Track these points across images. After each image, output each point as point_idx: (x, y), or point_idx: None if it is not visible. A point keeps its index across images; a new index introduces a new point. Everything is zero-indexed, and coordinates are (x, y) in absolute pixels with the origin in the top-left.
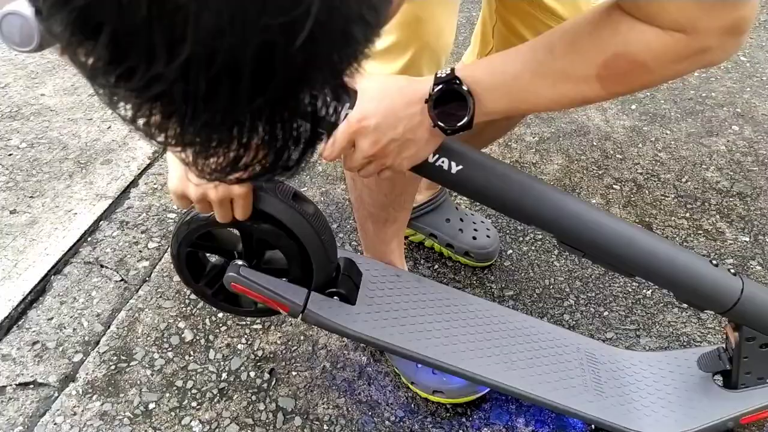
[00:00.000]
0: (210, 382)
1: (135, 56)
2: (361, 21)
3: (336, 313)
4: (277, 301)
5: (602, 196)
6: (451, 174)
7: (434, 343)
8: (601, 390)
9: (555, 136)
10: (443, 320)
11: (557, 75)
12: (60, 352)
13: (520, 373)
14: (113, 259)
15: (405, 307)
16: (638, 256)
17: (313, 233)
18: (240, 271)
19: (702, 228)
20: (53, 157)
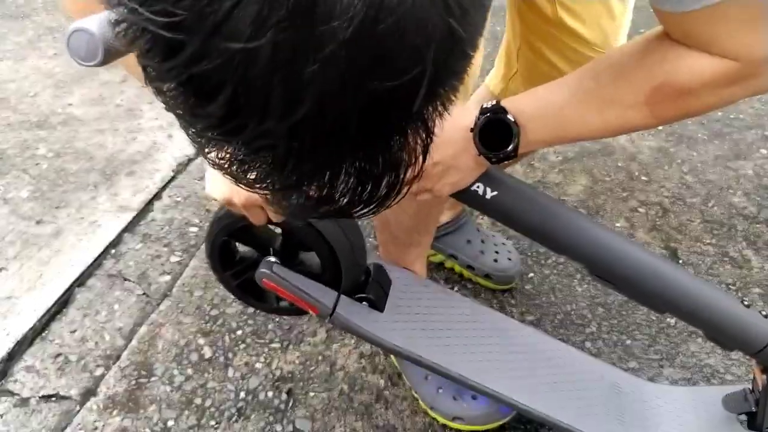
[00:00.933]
0: (228, 400)
1: (249, 114)
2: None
3: (364, 319)
4: (307, 302)
5: (627, 219)
6: (486, 199)
7: (460, 359)
8: (623, 420)
9: (579, 155)
10: (469, 336)
11: (604, 102)
12: (82, 365)
13: (544, 396)
14: (135, 273)
15: (433, 319)
16: (669, 292)
17: (340, 233)
18: (273, 268)
19: (728, 255)
20: (79, 168)
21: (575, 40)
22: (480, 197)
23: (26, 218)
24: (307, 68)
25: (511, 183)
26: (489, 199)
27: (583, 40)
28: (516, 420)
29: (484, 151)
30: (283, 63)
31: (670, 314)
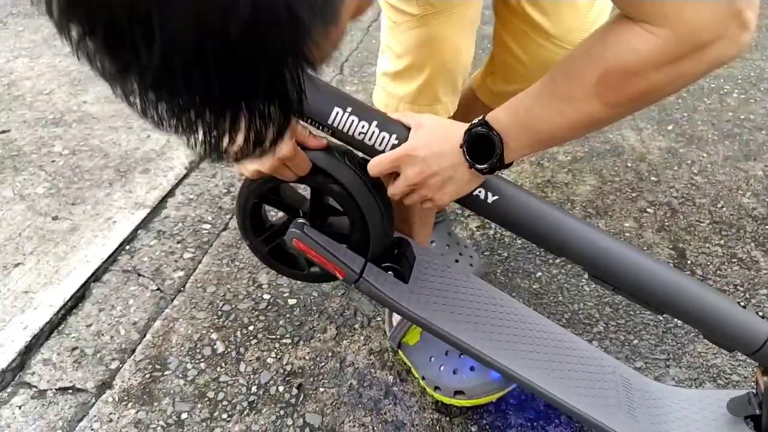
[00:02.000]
0: (240, 394)
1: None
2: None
3: (389, 287)
4: (336, 264)
5: (635, 219)
6: (488, 204)
7: (480, 335)
8: (634, 414)
9: (588, 155)
10: (489, 316)
11: (561, 100)
12: (98, 358)
13: (558, 381)
14: (150, 269)
15: (454, 296)
16: (667, 294)
17: (371, 197)
18: (304, 229)
19: (736, 256)
20: (94, 165)
21: (538, 33)
22: (482, 202)
23: (43, 214)
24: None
25: (511, 188)
26: (491, 203)
27: (546, 34)
28: (516, 412)
29: (474, 164)
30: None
31: (669, 315)
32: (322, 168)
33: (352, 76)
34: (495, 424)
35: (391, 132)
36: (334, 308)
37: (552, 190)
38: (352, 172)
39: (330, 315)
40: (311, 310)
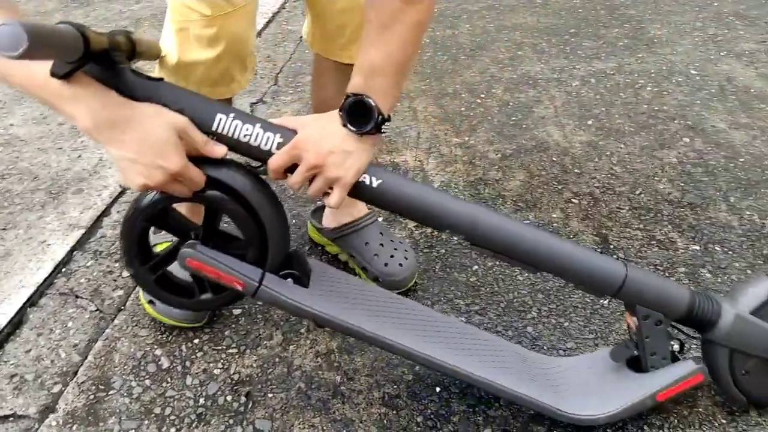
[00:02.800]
0: (188, 407)
1: None
2: None
3: (291, 292)
4: (234, 277)
5: (562, 210)
6: (373, 188)
7: (383, 324)
8: (535, 379)
9: (516, 152)
10: (390, 311)
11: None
12: (39, 383)
13: (463, 355)
14: (88, 289)
15: (355, 297)
16: (536, 250)
17: (270, 208)
18: (197, 247)
19: (655, 238)
20: (24, 188)
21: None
22: (368, 187)
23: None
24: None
25: (392, 174)
26: (376, 187)
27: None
28: (465, 414)
29: (361, 129)
30: None
31: (542, 270)
32: (218, 179)
33: (287, 87)
34: (439, 412)
35: (275, 132)
36: (279, 315)
37: (484, 187)
38: (249, 182)
39: (275, 322)
40: (256, 319)
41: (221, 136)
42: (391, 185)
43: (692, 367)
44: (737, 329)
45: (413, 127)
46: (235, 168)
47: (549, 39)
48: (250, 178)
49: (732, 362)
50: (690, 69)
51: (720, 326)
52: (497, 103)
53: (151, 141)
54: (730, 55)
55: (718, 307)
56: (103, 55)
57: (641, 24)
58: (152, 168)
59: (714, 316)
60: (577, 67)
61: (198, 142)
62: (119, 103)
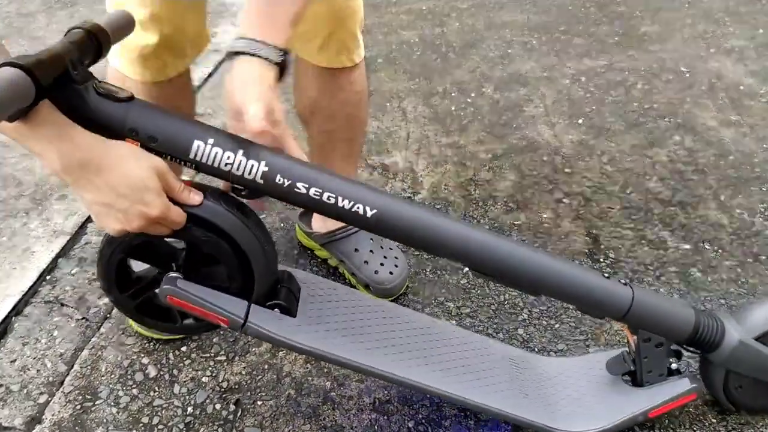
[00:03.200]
0: (176, 416)
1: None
2: None
3: (277, 326)
4: (217, 314)
5: (553, 210)
6: (367, 218)
7: (372, 353)
8: (526, 394)
9: (507, 152)
10: (379, 329)
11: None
12: (24, 394)
13: (455, 379)
14: (73, 298)
15: (343, 318)
16: (541, 276)
17: (254, 240)
18: (177, 283)
19: (646, 238)
20: (8, 195)
21: None
22: (362, 217)
23: None
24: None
25: (389, 198)
26: (370, 217)
27: None
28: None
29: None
30: None
31: (543, 295)
32: (198, 216)
33: None
34: (430, 417)
35: (260, 159)
36: None
37: (475, 188)
38: (231, 216)
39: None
40: None
41: (199, 164)
42: (386, 215)
43: (687, 387)
44: (739, 354)
45: (402, 128)
46: (215, 199)
47: (539, 37)
48: (232, 210)
49: (727, 380)
50: (680, 66)
51: (722, 350)
52: (487, 102)
53: (128, 185)
54: (720, 52)
55: (722, 330)
56: (63, 79)
57: (631, 21)
58: (130, 213)
59: (717, 339)
60: (568, 65)
61: (174, 189)
62: (90, 143)
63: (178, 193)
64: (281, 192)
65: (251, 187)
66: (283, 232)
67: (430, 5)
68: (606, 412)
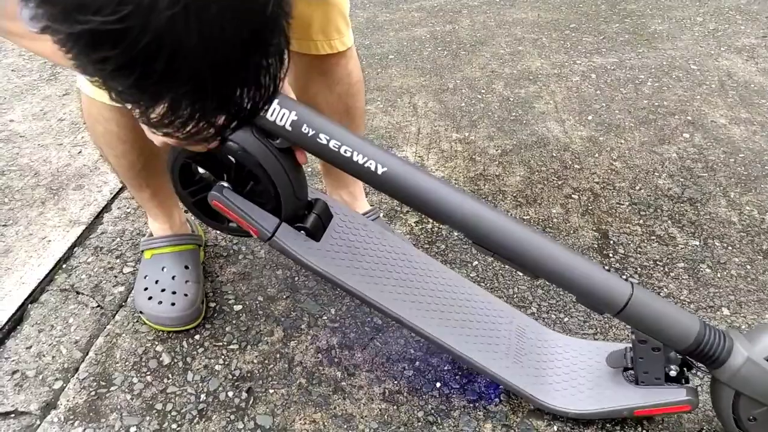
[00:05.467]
0: (189, 403)
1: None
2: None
3: (299, 245)
4: (250, 224)
5: (562, 206)
6: (377, 174)
7: (381, 289)
8: (520, 360)
9: (517, 148)
10: (396, 271)
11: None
12: (40, 380)
13: (452, 330)
14: (89, 286)
15: (363, 253)
16: (541, 259)
17: (278, 165)
18: (223, 192)
19: (655, 234)
20: (25, 184)
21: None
22: (373, 173)
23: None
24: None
25: (400, 160)
26: (380, 174)
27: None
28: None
29: None
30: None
31: (543, 279)
32: (230, 139)
33: None
34: (440, 408)
35: (291, 108)
36: (280, 311)
37: (484, 182)
38: (257, 141)
39: (276, 317)
40: (257, 315)
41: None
42: (396, 175)
43: (681, 397)
44: (746, 373)
45: (413, 123)
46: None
47: (549, 34)
48: (257, 138)
49: (737, 405)
50: (690, 64)
51: (727, 367)
52: (497, 99)
53: None
54: (731, 50)
55: (730, 346)
56: None
57: (642, 19)
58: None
59: (723, 354)
60: (578, 63)
61: None
62: None
63: None
64: (305, 141)
65: (281, 135)
66: None
67: (441, 2)
68: (593, 398)
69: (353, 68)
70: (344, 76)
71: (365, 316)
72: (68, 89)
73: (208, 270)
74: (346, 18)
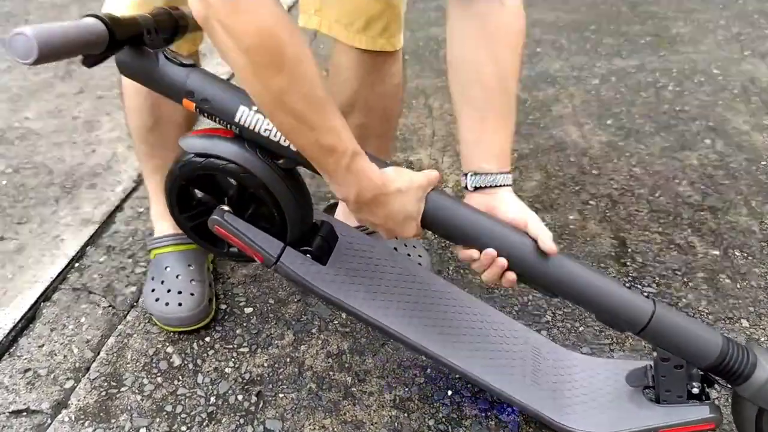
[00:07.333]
0: (199, 406)
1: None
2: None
3: (305, 270)
4: (254, 250)
5: (579, 212)
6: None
7: (392, 313)
8: (538, 382)
9: (534, 152)
10: (405, 293)
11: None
12: (52, 379)
13: (466, 353)
14: (101, 285)
15: (371, 275)
16: (559, 277)
17: (284, 186)
18: (224, 216)
19: (674, 242)
20: (39, 182)
21: None
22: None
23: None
24: None
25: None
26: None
27: None
28: (478, 409)
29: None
30: None
31: (561, 297)
32: (233, 161)
33: None
34: (451, 416)
35: None
36: (290, 314)
37: None
38: (261, 162)
39: (287, 321)
40: (268, 318)
41: (243, 128)
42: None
43: (705, 415)
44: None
45: (428, 125)
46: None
47: (569, 36)
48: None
49: (761, 421)
50: (712, 68)
51: (751, 383)
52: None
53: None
54: (754, 54)
55: (753, 361)
56: (137, 40)
57: (664, 21)
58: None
59: (747, 370)
60: (598, 65)
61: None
62: (379, 186)
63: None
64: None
65: (287, 156)
66: None
67: None
68: (614, 419)
69: (397, 71)
70: (388, 76)
71: None
72: (83, 87)
73: (219, 272)
74: (401, 21)
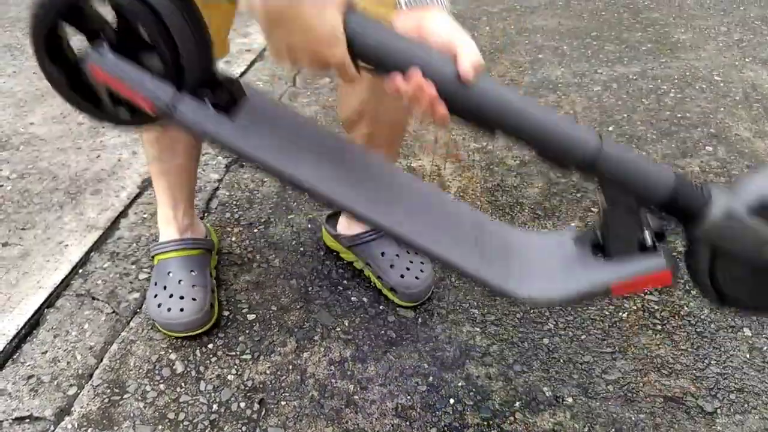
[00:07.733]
0: (201, 413)
1: None
2: None
3: (208, 119)
4: (142, 94)
5: (581, 219)
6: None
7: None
8: (483, 253)
9: (536, 159)
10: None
11: None
12: (55, 385)
13: (408, 220)
14: (104, 292)
15: (288, 133)
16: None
17: (181, 20)
18: (102, 52)
19: (675, 250)
20: (43, 188)
21: None
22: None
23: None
24: None
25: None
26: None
27: None
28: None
29: None
30: None
31: (500, 131)
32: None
33: (305, 88)
34: (453, 425)
35: None
36: (293, 321)
37: (502, 193)
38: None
39: (289, 328)
40: (270, 325)
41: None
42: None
43: (660, 264)
44: (725, 227)
45: (430, 132)
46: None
47: (570, 42)
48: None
49: (714, 267)
50: (714, 75)
51: (705, 221)
52: None
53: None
54: (756, 61)
55: (708, 198)
56: None
57: (665, 28)
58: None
59: (701, 207)
60: (599, 72)
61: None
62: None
63: None
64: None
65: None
66: (309, 233)
67: (461, 9)
68: (565, 281)
69: None
70: None
71: (379, 328)
72: None
73: (221, 278)
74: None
